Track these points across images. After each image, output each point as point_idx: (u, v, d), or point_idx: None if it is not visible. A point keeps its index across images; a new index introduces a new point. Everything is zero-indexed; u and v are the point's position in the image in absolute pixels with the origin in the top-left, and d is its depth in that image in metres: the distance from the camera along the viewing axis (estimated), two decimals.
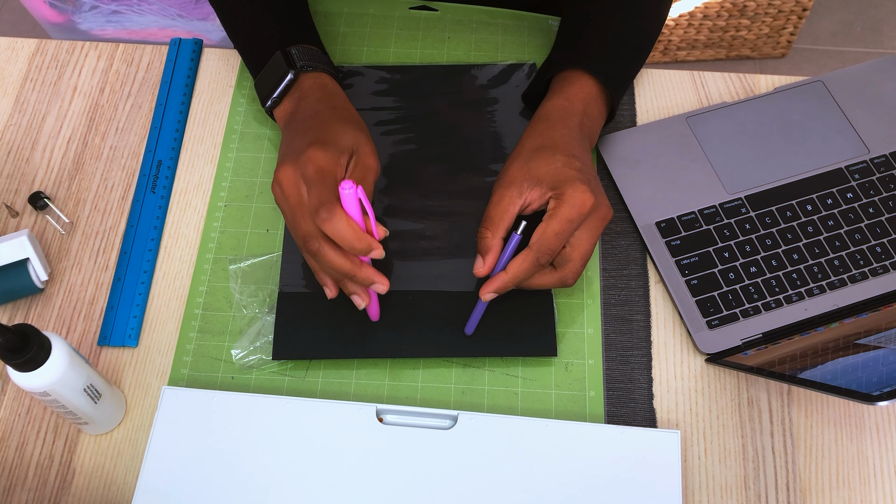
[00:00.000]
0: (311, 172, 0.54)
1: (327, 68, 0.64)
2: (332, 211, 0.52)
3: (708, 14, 1.57)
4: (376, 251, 0.53)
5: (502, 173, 0.60)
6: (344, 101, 0.63)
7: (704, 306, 0.63)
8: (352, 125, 0.59)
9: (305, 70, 0.63)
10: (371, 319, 0.61)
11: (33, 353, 0.49)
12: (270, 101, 0.63)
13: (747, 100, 0.71)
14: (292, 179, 0.55)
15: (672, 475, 0.55)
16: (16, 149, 0.71)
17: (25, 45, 0.76)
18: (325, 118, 0.59)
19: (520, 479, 0.55)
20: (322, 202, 0.52)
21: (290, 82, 0.63)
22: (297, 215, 0.55)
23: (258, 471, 0.56)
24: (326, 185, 0.53)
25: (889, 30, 1.75)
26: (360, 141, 0.58)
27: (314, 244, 0.54)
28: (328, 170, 0.54)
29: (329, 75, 0.64)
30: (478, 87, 0.72)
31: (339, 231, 0.52)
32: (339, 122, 0.59)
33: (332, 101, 0.62)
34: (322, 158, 0.54)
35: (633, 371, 0.61)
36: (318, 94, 0.62)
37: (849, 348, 0.54)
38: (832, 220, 0.66)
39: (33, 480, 0.58)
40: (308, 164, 0.54)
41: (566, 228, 0.56)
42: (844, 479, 0.58)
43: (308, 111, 0.61)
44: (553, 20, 0.77)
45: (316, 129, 0.58)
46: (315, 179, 0.54)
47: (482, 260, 0.58)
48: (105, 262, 0.66)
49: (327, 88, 0.63)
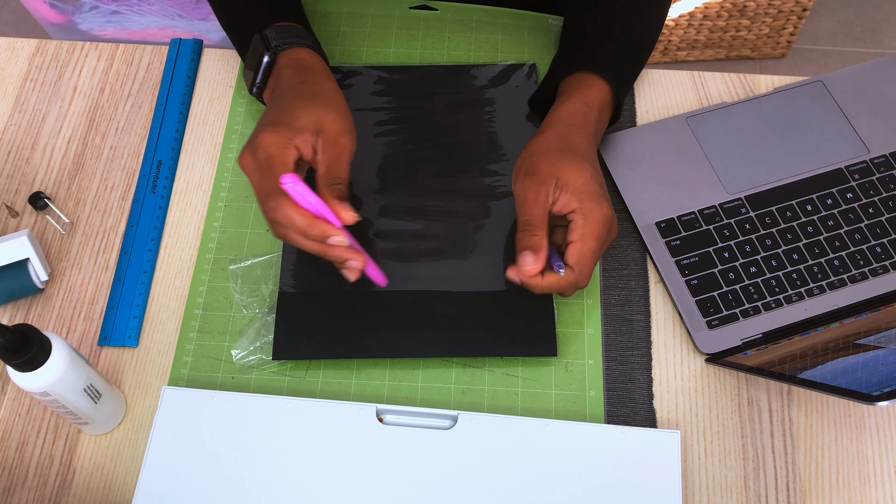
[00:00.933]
0: (262, 158, 0.54)
1: (305, 42, 0.62)
2: (277, 201, 0.52)
3: (708, 14, 1.57)
4: (335, 237, 0.53)
5: (532, 168, 0.58)
6: (317, 75, 0.60)
7: (704, 306, 0.63)
8: (317, 102, 0.57)
9: (281, 48, 0.61)
10: (379, 285, 0.60)
11: (33, 354, 0.49)
12: (255, 87, 0.63)
13: (747, 100, 0.71)
14: (251, 165, 0.55)
15: (672, 475, 0.55)
16: (16, 149, 0.71)
17: (25, 46, 0.76)
18: (288, 98, 0.58)
19: (520, 479, 0.55)
20: (268, 192, 0.52)
21: (268, 65, 0.61)
22: (259, 201, 0.55)
23: (258, 471, 0.56)
24: (272, 173, 0.53)
25: (889, 30, 1.75)
26: (325, 118, 0.56)
27: (279, 229, 0.54)
28: (276, 155, 0.53)
29: (307, 48, 0.62)
30: (477, 88, 0.72)
31: (288, 219, 0.52)
32: (301, 100, 0.57)
33: (304, 74, 0.60)
34: (271, 142, 0.54)
35: (633, 371, 0.61)
36: (291, 71, 0.60)
37: (849, 348, 0.54)
38: (832, 220, 0.66)
39: (33, 480, 0.58)
40: (259, 148, 0.54)
41: (599, 247, 0.57)
42: (844, 479, 0.58)
43: (279, 91, 0.60)
44: (553, 19, 0.77)
45: (274, 111, 0.57)
46: (263, 167, 0.53)
47: (532, 257, 0.55)
48: (105, 262, 0.66)
49: (302, 64, 0.61)
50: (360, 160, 0.69)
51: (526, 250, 0.56)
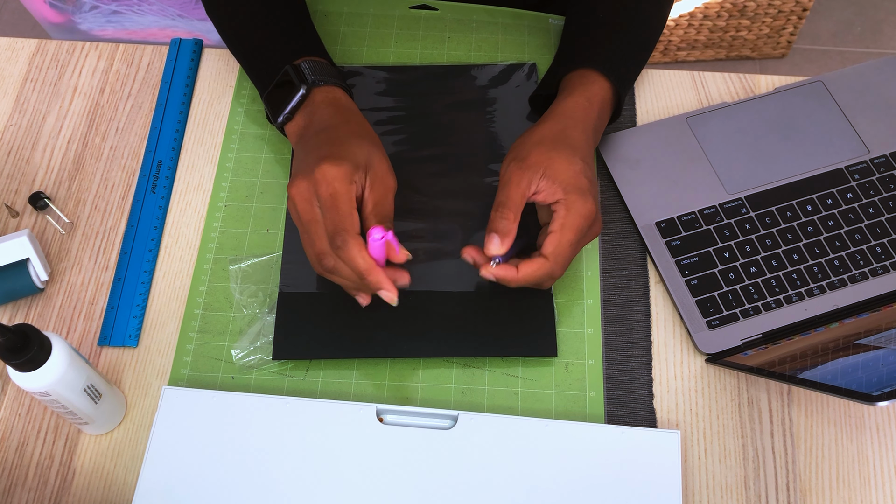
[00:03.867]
0: (325, 195, 0.54)
1: (339, 82, 0.63)
2: (345, 240, 0.53)
3: (708, 14, 1.57)
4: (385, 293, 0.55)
5: (521, 154, 0.58)
6: (358, 116, 0.62)
7: (704, 306, 0.63)
8: (366, 140, 0.58)
9: (317, 84, 0.62)
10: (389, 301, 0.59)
11: (33, 353, 0.49)
12: (282, 116, 0.62)
13: (747, 100, 0.71)
14: (305, 196, 0.55)
15: (672, 475, 0.55)
16: (16, 149, 0.71)
17: (26, 46, 0.76)
18: (339, 133, 0.58)
19: (520, 479, 0.55)
20: (337, 230, 0.53)
21: (301, 97, 0.61)
22: (311, 232, 0.55)
23: (258, 471, 0.56)
24: (340, 211, 0.54)
25: (889, 30, 1.75)
26: (374, 157, 0.57)
27: (329, 261, 0.54)
28: (341, 192, 0.54)
29: (341, 89, 0.63)
30: (478, 88, 0.72)
31: (352, 261, 0.53)
32: (353, 137, 0.58)
33: (345, 115, 0.61)
34: (335, 176, 0.54)
35: (633, 371, 0.61)
36: (331, 110, 0.61)
37: (849, 348, 0.54)
38: (832, 220, 0.66)
39: (33, 480, 0.58)
40: (321, 181, 0.54)
41: (578, 239, 0.57)
42: (844, 479, 0.58)
43: (321, 126, 0.60)
44: (553, 19, 0.77)
45: (329, 144, 0.57)
46: (329, 204, 0.54)
47: (499, 241, 0.56)
48: (105, 262, 0.66)
49: (340, 103, 0.62)
50: None
51: (493, 233, 0.56)
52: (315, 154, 0.56)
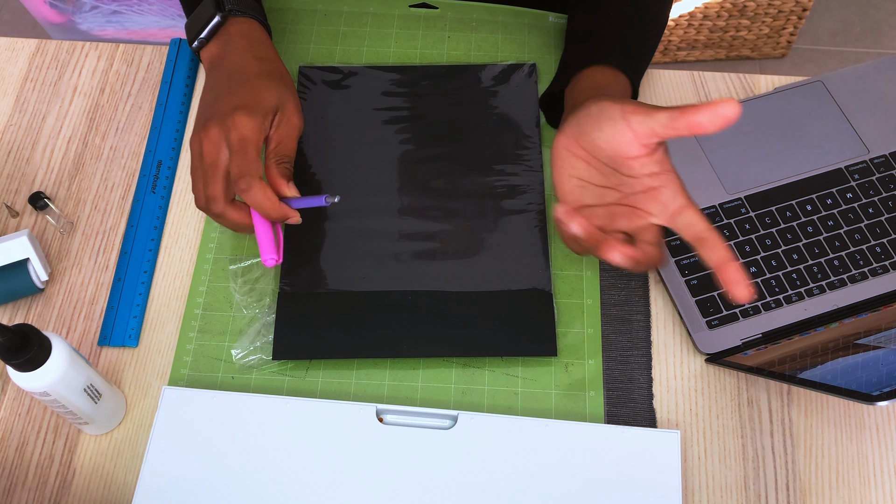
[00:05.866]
0: (235, 140, 0.56)
1: (256, 15, 0.65)
2: (250, 182, 0.55)
3: (708, 14, 1.57)
4: (292, 218, 0.57)
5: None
6: (269, 52, 0.63)
7: (704, 306, 0.63)
8: (277, 81, 0.60)
9: (234, 14, 0.63)
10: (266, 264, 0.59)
11: (33, 353, 0.49)
12: (197, 41, 0.64)
13: (747, 100, 0.71)
14: (214, 140, 0.57)
15: (672, 475, 0.55)
16: (16, 149, 0.71)
17: (25, 45, 0.76)
18: (251, 74, 0.60)
19: (520, 479, 0.55)
20: (242, 173, 0.55)
21: (217, 24, 0.63)
22: (209, 176, 0.57)
23: (258, 471, 0.56)
24: (248, 156, 0.56)
25: (889, 30, 1.75)
26: (284, 97, 0.59)
27: (218, 206, 0.57)
28: (251, 138, 0.56)
29: (257, 22, 0.65)
30: (478, 88, 0.72)
31: (257, 200, 0.55)
32: (265, 80, 0.59)
33: (258, 50, 0.62)
34: (246, 125, 0.56)
35: (633, 371, 0.61)
36: (244, 42, 0.62)
37: (849, 348, 0.54)
38: (832, 220, 0.66)
39: (33, 480, 0.58)
40: (232, 129, 0.56)
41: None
42: (844, 479, 0.58)
43: (234, 62, 0.61)
44: (554, 16, 0.77)
45: (242, 89, 0.59)
46: (237, 148, 0.56)
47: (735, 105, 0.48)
48: (105, 262, 0.66)
49: (254, 36, 0.63)
50: (361, 160, 0.69)
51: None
52: (228, 99, 0.58)
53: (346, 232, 0.65)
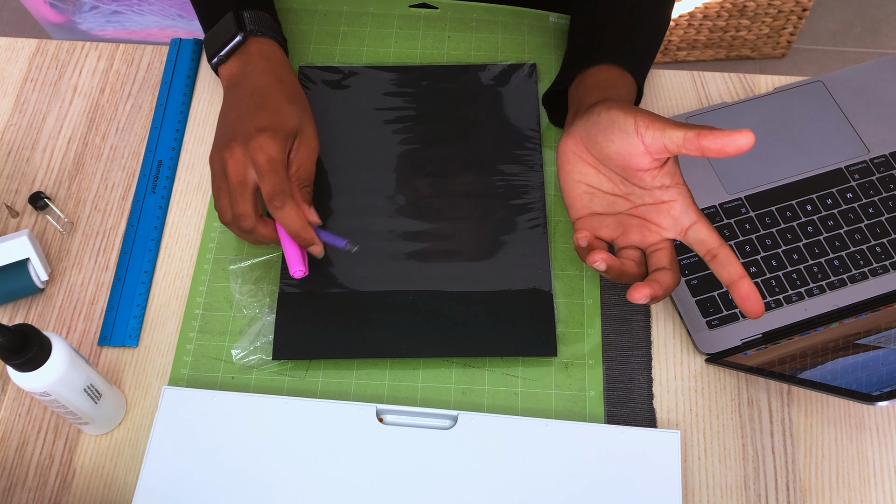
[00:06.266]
0: (263, 162, 0.57)
1: (276, 36, 0.66)
2: (284, 201, 0.57)
3: (708, 14, 1.57)
4: (315, 247, 0.60)
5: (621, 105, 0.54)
6: (289, 74, 0.64)
7: (704, 306, 0.63)
8: (297, 104, 0.62)
9: (254, 34, 0.64)
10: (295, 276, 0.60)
11: (33, 353, 0.49)
12: (217, 58, 0.65)
13: (747, 100, 0.71)
14: (241, 161, 0.58)
15: (672, 475, 0.55)
16: (16, 149, 0.71)
17: (25, 45, 0.76)
18: (273, 96, 0.61)
19: (520, 479, 0.55)
20: (276, 191, 0.57)
21: (237, 44, 0.64)
22: (237, 194, 0.58)
23: (258, 471, 0.56)
24: (279, 175, 0.58)
25: (889, 30, 1.75)
26: (304, 121, 0.61)
27: (248, 223, 0.58)
28: (279, 159, 0.58)
29: (277, 43, 0.66)
30: (478, 88, 0.72)
31: (288, 219, 0.57)
32: (286, 103, 0.61)
33: (278, 72, 0.63)
34: (273, 148, 0.58)
35: (633, 371, 0.61)
36: (264, 63, 0.64)
37: (849, 348, 0.54)
38: (832, 220, 0.66)
39: (33, 480, 0.58)
40: (259, 151, 0.58)
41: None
42: (844, 479, 0.58)
43: (255, 82, 0.62)
44: (554, 16, 0.77)
45: (265, 111, 0.60)
46: (267, 169, 0.57)
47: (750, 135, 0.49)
48: (105, 262, 0.66)
49: (274, 57, 0.64)
50: (361, 160, 0.69)
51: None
52: (251, 121, 0.59)
53: (346, 232, 0.65)
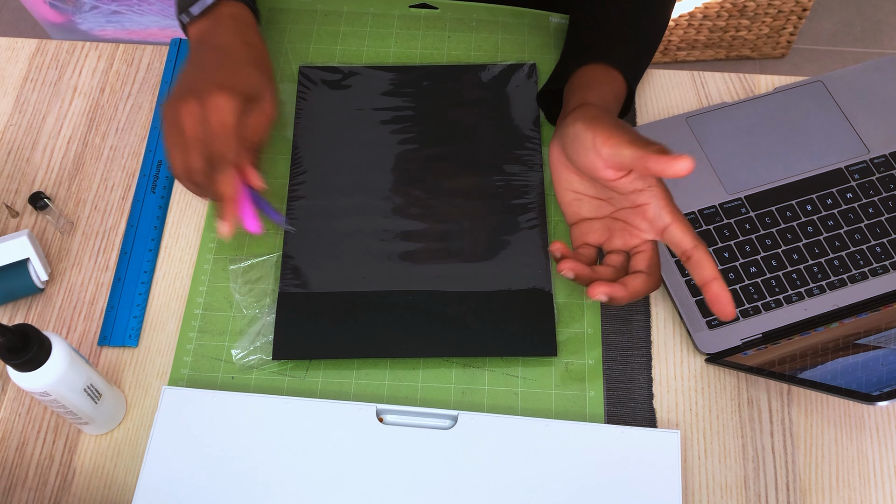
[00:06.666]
0: (215, 121, 0.56)
1: (250, 3, 0.65)
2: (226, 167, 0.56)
3: (708, 14, 1.57)
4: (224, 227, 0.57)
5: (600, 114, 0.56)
6: (257, 39, 0.63)
7: (704, 306, 0.63)
8: (259, 68, 0.60)
9: None
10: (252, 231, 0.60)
11: (33, 353, 0.49)
12: (187, 15, 0.64)
13: (747, 100, 0.71)
14: (195, 115, 0.56)
15: (672, 475, 0.55)
16: (16, 149, 0.71)
17: (25, 45, 0.76)
18: (238, 56, 0.60)
19: (520, 479, 0.55)
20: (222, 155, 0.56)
21: (211, 4, 0.63)
22: (191, 149, 0.56)
23: (258, 471, 0.56)
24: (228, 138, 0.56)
25: (889, 30, 1.75)
26: (264, 85, 0.59)
27: (200, 178, 0.57)
28: (232, 122, 0.56)
29: (249, 8, 0.65)
30: (478, 88, 0.72)
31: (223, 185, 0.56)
32: (249, 65, 0.60)
33: (245, 34, 0.63)
34: (227, 108, 0.56)
35: (633, 371, 0.61)
36: (233, 24, 0.63)
37: (849, 348, 0.54)
38: (832, 220, 0.66)
39: (33, 480, 0.58)
40: (213, 110, 0.56)
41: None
42: (844, 479, 0.58)
43: (222, 42, 0.61)
44: (554, 17, 0.77)
45: (225, 69, 0.59)
46: (219, 131, 0.56)
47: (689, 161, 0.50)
48: (105, 262, 0.66)
49: (243, 20, 0.64)
50: (361, 160, 0.69)
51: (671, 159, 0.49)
52: (210, 75, 0.58)
53: (346, 232, 0.65)
